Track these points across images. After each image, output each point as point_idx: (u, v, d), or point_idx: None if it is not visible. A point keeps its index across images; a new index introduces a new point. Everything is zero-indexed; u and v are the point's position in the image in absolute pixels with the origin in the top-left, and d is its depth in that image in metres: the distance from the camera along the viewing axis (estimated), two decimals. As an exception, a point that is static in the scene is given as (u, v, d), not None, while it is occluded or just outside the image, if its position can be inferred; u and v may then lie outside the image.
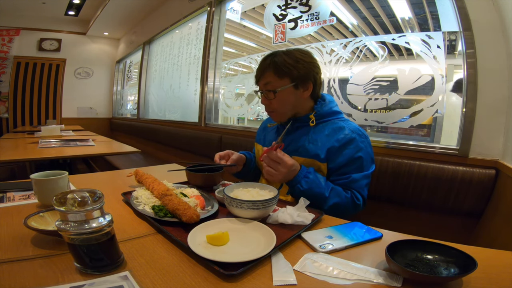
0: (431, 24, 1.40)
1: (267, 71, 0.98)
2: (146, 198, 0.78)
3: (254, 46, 2.63)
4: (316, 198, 0.86)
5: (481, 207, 1.09)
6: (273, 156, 0.86)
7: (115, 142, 2.58)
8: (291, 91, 0.97)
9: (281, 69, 0.95)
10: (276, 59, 0.96)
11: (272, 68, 0.96)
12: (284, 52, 0.98)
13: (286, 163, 0.85)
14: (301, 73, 0.96)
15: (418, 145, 1.30)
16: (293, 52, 0.98)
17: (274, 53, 1.00)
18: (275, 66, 0.96)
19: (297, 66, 0.95)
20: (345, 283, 0.46)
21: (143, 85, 4.26)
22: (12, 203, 0.78)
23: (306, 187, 0.87)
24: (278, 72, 0.96)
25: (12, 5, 4.39)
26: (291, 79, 0.96)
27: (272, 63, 0.96)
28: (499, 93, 1.11)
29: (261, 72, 1.00)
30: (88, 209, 0.45)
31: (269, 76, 0.97)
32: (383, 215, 1.31)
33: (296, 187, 0.88)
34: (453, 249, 0.50)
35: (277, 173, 0.86)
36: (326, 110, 1.01)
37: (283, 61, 0.95)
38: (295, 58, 0.96)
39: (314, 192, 0.87)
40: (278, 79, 0.96)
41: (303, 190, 0.87)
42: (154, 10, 4.10)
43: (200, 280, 0.46)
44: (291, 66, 0.95)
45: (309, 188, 0.87)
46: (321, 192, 0.88)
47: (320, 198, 0.87)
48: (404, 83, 1.40)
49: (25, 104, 5.07)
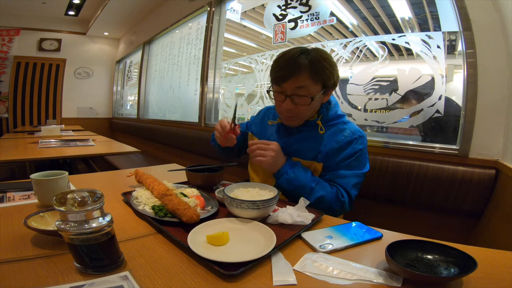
0: (431, 24, 1.40)
1: (302, 72, 0.85)
2: (146, 198, 0.78)
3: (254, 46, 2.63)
4: (301, 188, 0.85)
5: (481, 207, 1.09)
6: (261, 142, 0.88)
7: (115, 142, 2.58)
8: (320, 97, 0.91)
9: (320, 74, 0.85)
10: (314, 60, 0.85)
11: (309, 70, 0.85)
12: (317, 52, 0.87)
13: (275, 146, 0.87)
14: (334, 80, 0.90)
15: (418, 145, 1.30)
16: (327, 54, 0.90)
17: (306, 51, 0.87)
18: (314, 68, 0.85)
19: (333, 73, 0.88)
20: (345, 283, 0.46)
21: (143, 85, 4.26)
22: (12, 203, 0.78)
23: (292, 176, 0.86)
24: (316, 76, 0.86)
25: (12, 5, 4.39)
26: (323, 86, 0.88)
27: (310, 64, 0.84)
28: (499, 93, 1.11)
29: (292, 72, 0.85)
30: (88, 209, 0.45)
31: (305, 78, 0.85)
32: (383, 215, 1.31)
33: (283, 176, 0.87)
34: (453, 249, 0.50)
35: (266, 159, 0.86)
36: (332, 115, 0.97)
37: (322, 66, 0.85)
38: (331, 63, 0.88)
39: (301, 182, 0.86)
40: (313, 84, 0.86)
41: (289, 179, 0.86)
42: (154, 10, 4.10)
43: (200, 280, 0.46)
44: (329, 72, 0.87)
45: (295, 177, 0.86)
46: (307, 183, 0.86)
47: (305, 189, 0.86)
48: (404, 83, 1.40)
49: (25, 104, 5.07)
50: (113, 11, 4.32)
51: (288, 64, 0.86)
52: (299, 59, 0.85)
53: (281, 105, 0.91)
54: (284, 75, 0.87)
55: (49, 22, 5.06)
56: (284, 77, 0.87)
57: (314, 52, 0.87)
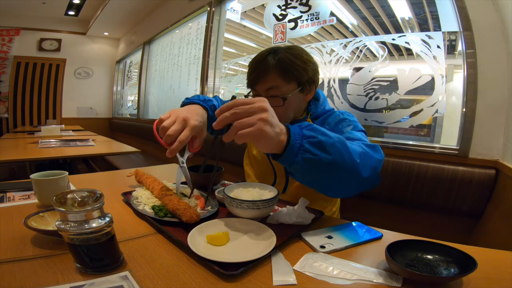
0: (431, 24, 1.40)
1: (271, 72, 0.81)
2: (146, 198, 0.78)
3: (254, 46, 2.63)
4: (335, 158, 0.56)
5: (481, 207, 1.09)
6: (238, 103, 0.53)
7: (115, 142, 2.58)
8: (296, 96, 0.84)
9: (289, 71, 0.81)
10: (282, 59, 0.81)
11: (278, 70, 0.81)
12: (287, 50, 0.83)
13: (263, 102, 0.53)
14: (309, 76, 0.84)
15: (418, 145, 1.30)
16: (298, 50, 0.85)
17: (275, 50, 0.83)
18: (282, 67, 0.80)
19: (306, 68, 0.83)
20: (345, 283, 0.46)
21: (143, 85, 4.26)
22: (12, 203, 0.78)
23: (313, 148, 0.55)
24: (286, 75, 0.81)
25: (12, 5, 4.39)
26: (298, 83, 0.83)
27: (277, 64, 0.81)
28: (499, 93, 1.11)
29: (261, 74, 0.82)
30: (88, 209, 0.45)
31: (274, 79, 0.81)
32: (383, 215, 1.31)
33: (299, 153, 0.55)
34: (453, 249, 0.50)
35: (252, 129, 0.50)
36: (320, 111, 0.93)
37: (292, 62, 0.81)
38: (303, 59, 0.83)
39: (333, 149, 0.56)
40: (285, 83, 0.82)
41: (312, 154, 0.55)
42: (154, 10, 4.11)
43: (200, 280, 0.46)
44: (300, 68, 0.82)
45: (321, 145, 0.55)
46: (339, 143, 0.57)
47: (340, 156, 0.57)
48: (404, 83, 1.40)
49: (25, 104, 5.07)
50: (113, 11, 4.32)
51: (257, 66, 0.83)
52: (267, 60, 0.81)
53: None
54: (254, 78, 0.84)
55: (49, 22, 5.06)
56: (255, 80, 0.84)
57: (283, 51, 0.83)
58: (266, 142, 0.53)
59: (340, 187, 0.65)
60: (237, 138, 0.51)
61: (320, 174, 0.59)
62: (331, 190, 0.67)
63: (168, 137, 0.66)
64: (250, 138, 0.51)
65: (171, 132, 0.65)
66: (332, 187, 0.65)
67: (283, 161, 0.56)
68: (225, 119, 0.52)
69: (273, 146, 0.55)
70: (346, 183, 0.63)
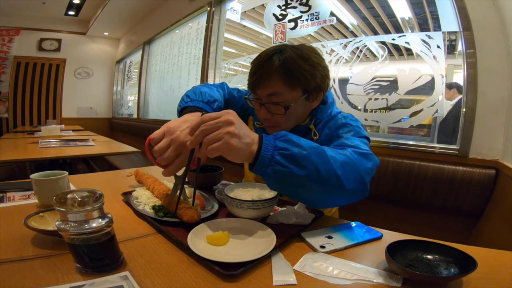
0: (431, 24, 1.40)
1: (275, 77, 0.72)
2: (146, 198, 0.78)
3: (254, 46, 2.63)
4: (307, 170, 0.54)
5: (481, 207, 1.09)
6: (205, 119, 0.53)
7: (115, 142, 2.58)
8: (301, 104, 0.76)
9: (295, 77, 0.72)
10: (288, 61, 0.71)
11: (282, 74, 0.72)
12: (294, 49, 0.74)
13: (230, 115, 0.53)
14: (317, 83, 0.75)
15: (418, 145, 1.30)
16: (306, 52, 0.74)
17: (281, 49, 0.74)
18: (287, 71, 0.71)
19: (314, 74, 0.73)
20: (345, 283, 0.46)
21: (143, 85, 4.26)
22: (12, 203, 0.78)
23: (283, 160, 0.53)
24: (290, 81, 0.72)
25: (12, 5, 4.39)
26: (303, 91, 0.74)
27: (282, 67, 0.71)
28: (499, 93, 1.11)
29: (263, 77, 0.73)
30: (88, 209, 0.44)
31: (277, 84, 0.72)
32: (383, 215, 1.31)
33: (270, 164, 0.53)
34: (453, 249, 0.50)
35: (220, 143, 0.50)
36: (326, 116, 0.83)
37: (298, 66, 0.72)
38: (312, 62, 0.73)
39: (304, 160, 0.54)
40: (289, 90, 0.73)
41: (281, 165, 0.53)
42: (154, 10, 4.11)
43: (200, 280, 0.46)
44: (308, 75, 0.72)
45: (292, 157, 0.53)
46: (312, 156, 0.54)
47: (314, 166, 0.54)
48: (404, 83, 1.40)
49: (25, 104, 5.07)
50: (113, 11, 4.32)
51: (259, 67, 0.74)
52: (271, 61, 0.72)
53: (257, 114, 0.80)
54: (255, 81, 0.75)
55: (49, 22, 5.06)
56: (255, 83, 0.75)
57: (290, 51, 0.73)
58: (236, 154, 0.52)
59: (319, 199, 0.62)
60: (208, 153, 0.52)
61: (294, 187, 0.57)
62: (310, 202, 0.64)
63: (163, 161, 0.61)
64: (220, 152, 0.51)
65: (165, 158, 0.60)
66: (311, 200, 0.62)
67: (256, 171, 0.55)
68: (196, 138, 0.53)
69: (245, 157, 0.54)
70: (326, 195, 0.60)
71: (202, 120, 0.53)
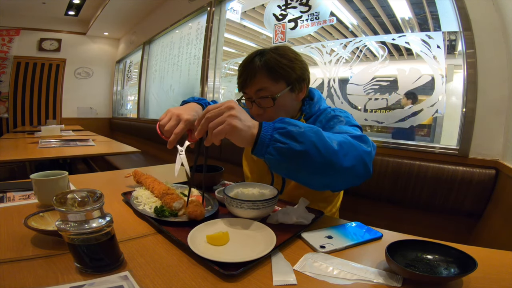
0: (431, 24, 1.40)
1: (259, 74, 0.82)
2: (146, 198, 0.78)
3: (254, 46, 2.63)
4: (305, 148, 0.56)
5: (481, 207, 1.09)
6: (209, 108, 0.59)
7: (115, 142, 2.58)
8: (287, 95, 0.85)
9: (276, 71, 0.82)
10: (268, 60, 0.82)
11: (265, 71, 0.82)
12: (273, 51, 0.85)
13: (230, 103, 0.59)
14: (298, 74, 0.85)
15: (418, 145, 1.30)
16: (284, 50, 0.86)
17: (261, 52, 0.85)
18: (269, 68, 0.82)
19: (293, 67, 0.84)
20: (345, 283, 0.46)
21: (143, 85, 4.26)
22: (12, 203, 0.78)
23: (283, 138, 0.57)
24: (273, 75, 0.82)
25: (12, 5, 4.39)
26: (287, 83, 0.84)
27: (264, 65, 0.82)
28: (499, 93, 1.11)
29: (250, 77, 0.83)
30: (88, 209, 0.45)
31: (262, 80, 0.82)
32: (383, 215, 1.31)
33: (270, 143, 0.57)
34: (453, 249, 0.50)
35: (223, 126, 0.56)
36: (315, 111, 0.91)
37: (277, 62, 0.82)
38: (289, 57, 0.84)
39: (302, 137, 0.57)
40: (273, 83, 0.83)
41: (282, 143, 0.56)
42: (154, 10, 4.11)
43: (200, 280, 0.46)
44: (287, 67, 0.82)
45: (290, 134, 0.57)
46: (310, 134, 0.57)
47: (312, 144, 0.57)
48: (404, 83, 1.40)
49: (25, 104, 5.07)
50: (113, 11, 4.32)
51: (245, 69, 0.85)
52: (254, 62, 0.83)
53: (251, 112, 0.88)
54: (243, 81, 0.86)
55: (49, 22, 5.06)
56: (244, 83, 0.86)
57: (270, 52, 0.84)
58: (239, 136, 0.57)
59: (320, 178, 0.61)
60: (213, 138, 0.57)
61: (294, 164, 0.59)
62: (312, 181, 0.64)
63: (167, 132, 0.73)
64: (224, 134, 0.57)
65: (167, 128, 0.73)
66: (312, 178, 0.62)
67: (257, 153, 0.59)
68: (202, 126, 0.59)
69: (247, 140, 0.58)
70: (325, 174, 0.60)
71: (207, 109, 0.60)
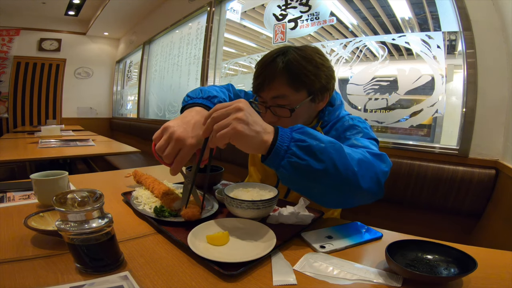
0: (431, 24, 1.40)
1: (279, 78, 0.72)
2: (146, 198, 0.78)
3: (254, 46, 2.63)
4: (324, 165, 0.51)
5: (481, 207, 1.09)
6: (217, 108, 0.54)
7: (115, 142, 2.58)
8: (306, 105, 0.75)
9: (299, 78, 0.71)
10: (291, 62, 0.71)
11: (286, 76, 0.71)
12: (297, 51, 0.73)
13: (241, 104, 0.52)
14: (322, 84, 0.74)
15: (418, 145, 1.30)
16: (310, 53, 0.74)
17: (285, 51, 0.74)
18: (292, 73, 0.71)
19: (319, 75, 0.73)
20: (345, 283, 0.46)
21: (143, 85, 4.26)
22: (12, 203, 0.78)
23: (301, 152, 0.51)
24: (295, 83, 0.72)
25: (12, 5, 4.39)
26: (308, 92, 0.74)
27: (286, 68, 0.71)
28: (499, 93, 1.11)
29: (267, 79, 0.73)
30: (88, 209, 0.44)
31: (281, 87, 0.72)
32: (383, 215, 1.31)
33: (285, 156, 0.51)
34: (453, 249, 0.50)
35: (227, 130, 0.50)
36: (333, 119, 0.82)
37: (301, 68, 0.71)
38: (316, 63, 0.73)
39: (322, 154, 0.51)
40: (293, 92, 0.73)
41: (298, 158, 0.51)
42: (154, 10, 4.11)
43: (200, 280, 0.46)
44: (312, 76, 0.72)
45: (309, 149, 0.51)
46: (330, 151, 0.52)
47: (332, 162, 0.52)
48: (404, 83, 1.40)
49: (25, 104, 5.07)
50: (113, 11, 4.32)
51: (263, 70, 0.74)
52: (274, 63, 0.72)
53: (263, 118, 0.76)
54: (259, 84, 0.75)
55: (49, 22, 5.06)
56: (260, 86, 0.75)
57: (294, 52, 0.73)
58: (244, 142, 0.51)
59: (334, 197, 0.59)
60: (217, 142, 0.52)
61: (309, 182, 0.54)
62: (324, 200, 0.60)
63: (166, 158, 0.61)
64: (228, 139, 0.51)
65: (167, 154, 0.60)
66: (325, 197, 0.59)
67: (269, 164, 0.53)
68: (208, 126, 0.53)
69: (255, 146, 0.52)
70: (341, 193, 0.57)
71: (215, 108, 0.54)
